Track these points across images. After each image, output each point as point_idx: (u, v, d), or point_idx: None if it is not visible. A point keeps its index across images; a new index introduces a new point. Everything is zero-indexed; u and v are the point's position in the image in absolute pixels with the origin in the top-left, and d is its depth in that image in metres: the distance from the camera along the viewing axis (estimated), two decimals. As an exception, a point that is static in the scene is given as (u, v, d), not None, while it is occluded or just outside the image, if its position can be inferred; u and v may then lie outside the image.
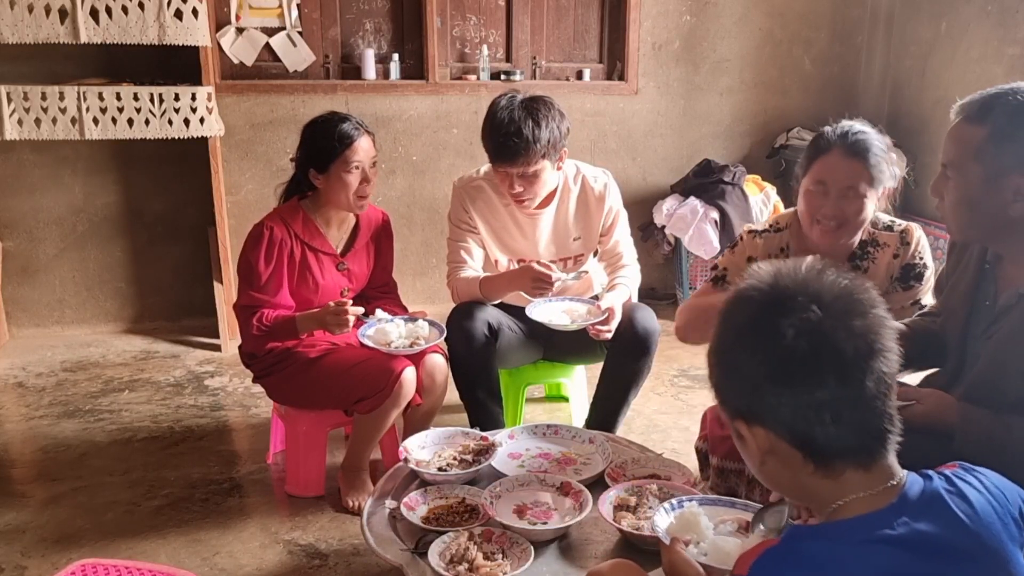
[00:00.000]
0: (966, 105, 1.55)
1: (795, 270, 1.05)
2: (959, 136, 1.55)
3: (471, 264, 2.53)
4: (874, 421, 1.01)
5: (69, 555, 2.22)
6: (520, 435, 2.21)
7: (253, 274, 2.37)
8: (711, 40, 4.23)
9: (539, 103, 2.38)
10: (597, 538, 1.78)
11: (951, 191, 1.57)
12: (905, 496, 1.00)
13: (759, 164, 4.29)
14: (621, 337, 2.43)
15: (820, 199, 1.93)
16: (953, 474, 1.04)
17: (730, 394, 1.07)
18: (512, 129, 2.32)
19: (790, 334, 0.98)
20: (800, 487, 1.05)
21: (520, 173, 2.37)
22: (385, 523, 1.84)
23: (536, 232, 2.54)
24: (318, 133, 2.39)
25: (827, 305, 1.00)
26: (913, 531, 0.96)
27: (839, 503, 1.01)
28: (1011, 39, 3.46)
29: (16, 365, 3.57)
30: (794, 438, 1.01)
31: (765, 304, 1.03)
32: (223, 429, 2.99)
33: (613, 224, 2.59)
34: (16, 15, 3.20)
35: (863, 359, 0.99)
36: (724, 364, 1.08)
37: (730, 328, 1.07)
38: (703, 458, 1.99)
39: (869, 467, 1.01)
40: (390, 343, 2.34)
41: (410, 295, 2.66)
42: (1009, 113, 1.48)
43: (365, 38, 3.99)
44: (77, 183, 3.81)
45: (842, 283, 1.02)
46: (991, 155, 1.49)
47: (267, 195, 3.78)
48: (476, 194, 2.53)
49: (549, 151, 2.37)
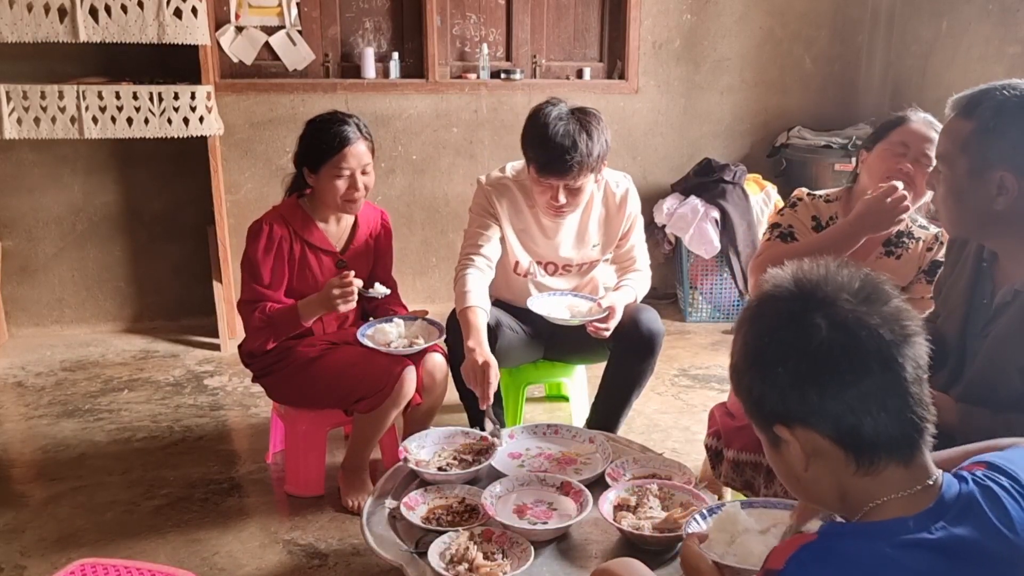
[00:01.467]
0: (958, 100, 1.57)
1: (813, 268, 1.04)
2: (949, 129, 1.57)
3: (485, 252, 2.43)
4: (914, 408, 1.00)
5: (68, 555, 2.21)
6: (520, 435, 2.20)
7: (255, 269, 2.36)
8: (712, 39, 4.22)
9: (590, 115, 2.32)
10: (597, 538, 1.78)
11: (941, 184, 1.58)
12: (942, 499, 0.99)
13: (760, 163, 4.29)
14: (625, 338, 2.42)
15: (900, 159, 2.05)
16: (985, 475, 1.03)
17: (768, 399, 1.03)
18: (568, 143, 2.25)
19: (825, 326, 0.98)
20: (838, 491, 1.04)
21: (567, 186, 2.33)
22: (385, 523, 1.83)
23: (558, 236, 2.52)
24: (315, 133, 2.39)
25: (853, 296, 1.00)
26: (951, 536, 0.96)
27: (876, 503, 1.00)
28: (1012, 38, 3.45)
29: (15, 364, 3.56)
30: (839, 435, 0.99)
31: (794, 301, 1.02)
32: (222, 429, 2.99)
33: (630, 230, 2.58)
34: (15, 14, 3.19)
35: (899, 343, 0.98)
36: (758, 369, 1.04)
37: (761, 332, 1.05)
38: (714, 455, 1.98)
39: (909, 463, 1.01)
40: (389, 343, 2.34)
41: (410, 294, 2.65)
42: (995, 108, 1.49)
43: (365, 37, 3.99)
44: (76, 182, 3.80)
45: (861, 274, 1.03)
46: (976, 148, 1.50)
47: (267, 194, 3.79)
48: (503, 193, 2.48)
49: (598, 165, 2.35)
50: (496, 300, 2.58)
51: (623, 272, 2.62)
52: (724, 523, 1.46)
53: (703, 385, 3.39)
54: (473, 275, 2.38)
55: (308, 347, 2.41)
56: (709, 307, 4.15)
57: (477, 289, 2.35)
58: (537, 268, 2.56)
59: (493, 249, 2.46)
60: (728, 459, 1.91)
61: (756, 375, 1.05)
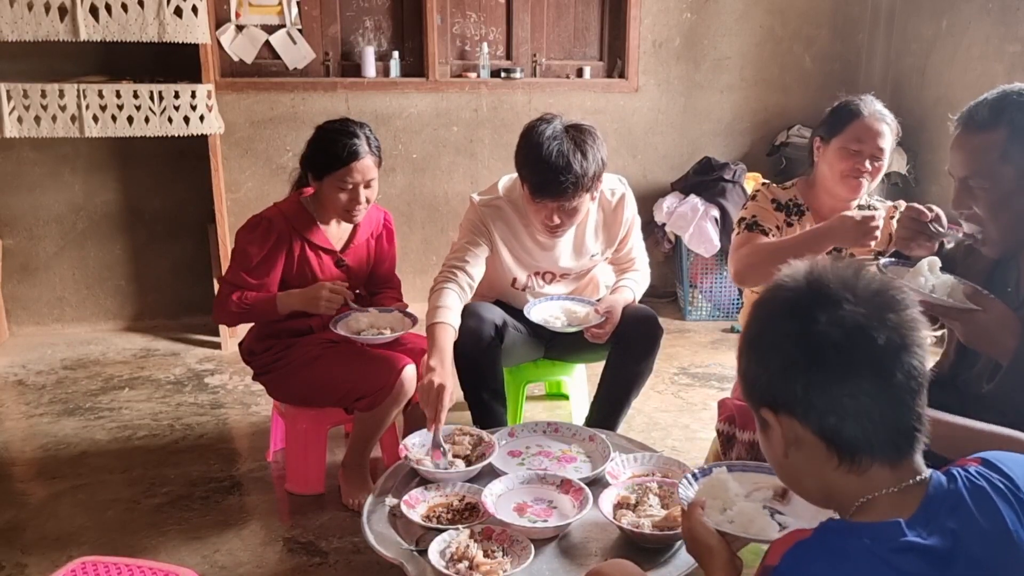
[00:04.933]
0: (972, 114, 1.57)
1: (831, 267, 1.05)
2: (976, 145, 1.56)
3: (469, 269, 2.37)
4: (904, 418, 1.00)
5: (69, 553, 2.22)
6: (520, 433, 2.21)
7: (244, 256, 2.36)
8: (712, 37, 4.22)
9: (585, 134, 2.26)
10: (597, 536, 1.78)
11: (984, 200, 1.57)
12: (931, 500, 0.99)
13: (759, 162, 4.29)
14: (625, 337, 2.42)
15: (855, 157, 2.21)
16: (979, 473, 1.02)
17: (760, 381, 1.06)
18: (562, 163, 2.18)
19: (824, 321, 0.99)
20: (822, 483, 1.05)
21: (562, 207, 2.28)
22: (385, 521, 1.84)
23: (556, 249, 2.50)
24: (324, 141, 2.35)
25: (862, 298, 1.00)
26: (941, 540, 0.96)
27: (865, 499, 1.01)
28: (1012, 36, 3.45)
29: (16, 363, 3.57)
30: (822, 429, 1.01)
31: (801, 294, 1.03)
32: (223, 427, 2.99)
33: (628, 234, 2.57)
34: (16, 12, 3.19)
35: (895, 351, 0.99)
36: (756, 351, 1.08)
37: (764, 316, 1.07)
38: (726, 440, 2.00)
39: (896, 465, 1.01)
40: (360, 331, 2.34)
41: (410, 293, 2.65)
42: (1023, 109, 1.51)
43: (365, 35, 3.99)
44: (77, 181, 3.80)
45: (877, 281, 1.03)
46: (1019, 153, 1.51)
47: (267, 192, 3.79)
48: (497, 214, 2.43)
49: (593, 184, 2.30)
50: (497, 300, 2.59)
51: (621, 272, 2.62)
52: (715, 490, 1.45)
53: (703, 383, 3.40)
54: (451, 292, 2.30)
55: (308, 345, 2.41)
56: (709, 305, 4.15)
57: (452, 307, 2.26)
58: (535, 280, 2.56)
59: (477, 268, 2.40)
60: (743, 441, 1.93)
61: (752, 356, 1.08)
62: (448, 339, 2.19)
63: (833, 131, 2.25)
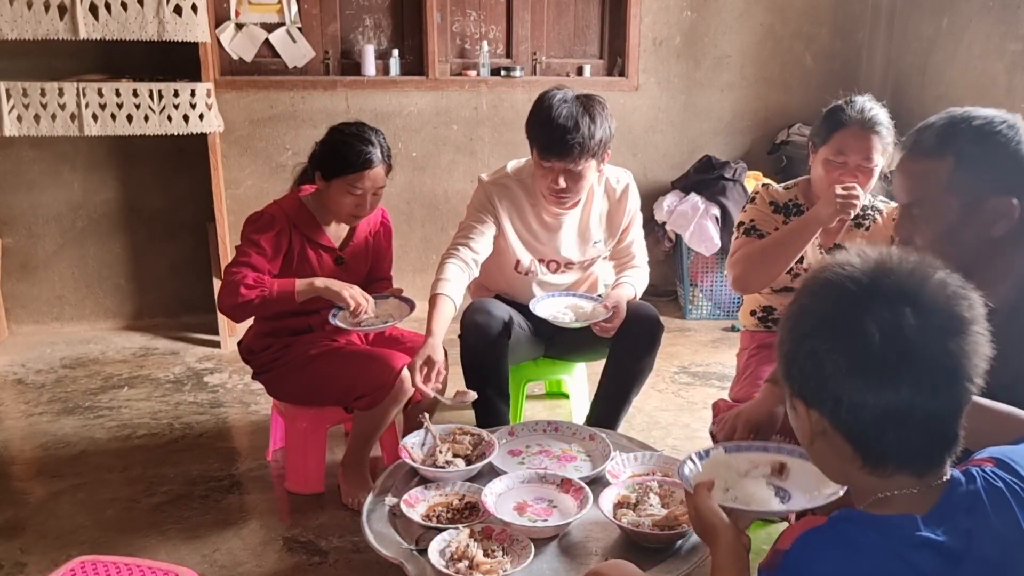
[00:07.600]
0: (918, 139, 1.50)
1: (900, 265, 0.99)
2: (921, 172, 1.50)
3: (475, 246, 2.40)
4: (941, 437, 0.97)
5: (69, 552, 2.21)
6: (520, 432, 2.20)
7: (253, 243, 2.31)
8: (712, 36, 4.22)
9: (594, 101, 2.33)
10: (597, 535, 1.78)
11: (924, 230, 1.51)
12: (950, 498, 0.98)
13: (760, 160, 4.28)
14: (625, 335, 2.41)
15: (840, 169, 2.15)
16: (995, 473, 1.01)
17: (797, 373, 1.02)
18: (571, 124, 2.25)
19: (875, 333, 0.94)
20: (844, 473, 1.04)
21: (568, 169, 2.31)
22: (385, 520, 1.83)
23: (560, 234, 2.51)
24: (339, 144, 2.34)
25: (924, 313, 0.94)
26: (957, 538, 0.95)
27: (884, 495, 1.00)
28: (1013, 35, 3.45)
29: (15, 362, 3.56)
30: (851, 434, 0.98)
31: (858, 297, 0.97)
32: (223, 426, 2.99)
33: (630, 226, 2.58)
34: (15, 11, 3.19)
35: (948, 376, 0.94)
36: (798, 344, 1.02)
37: (815, 312, 1.02)
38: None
39: (923, 475, 0.99)
40: (360, 322, 2.33)
41: (410, 291, 2.64)
42: (971, 139, 1.44)
43: (365, 34, 3.98)
44: (76, 179, 3.80)
45: (947, 292, 0.97)
46: (965, 184, 1.45)
47: (266, 191, 3.78)
48: (504, 192, 2.46)
49: (600, 150, 2.34)
50: (498, 296, 2.58)
51: (621, 268, 2.62)
52: (716, 469, 1.44)
53: (703, 382, 3.39)
54: (455, 266, 2.34)
55: (308, 344, 2.41)
56: (709, 304, 4.14)
57: (455, 280, 2.31)
58: (539, 266, 2.56)
59: (484, 245, 2.43)
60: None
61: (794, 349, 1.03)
62: (447, 310, 2.27)
63: (820, 140, 2.20)
